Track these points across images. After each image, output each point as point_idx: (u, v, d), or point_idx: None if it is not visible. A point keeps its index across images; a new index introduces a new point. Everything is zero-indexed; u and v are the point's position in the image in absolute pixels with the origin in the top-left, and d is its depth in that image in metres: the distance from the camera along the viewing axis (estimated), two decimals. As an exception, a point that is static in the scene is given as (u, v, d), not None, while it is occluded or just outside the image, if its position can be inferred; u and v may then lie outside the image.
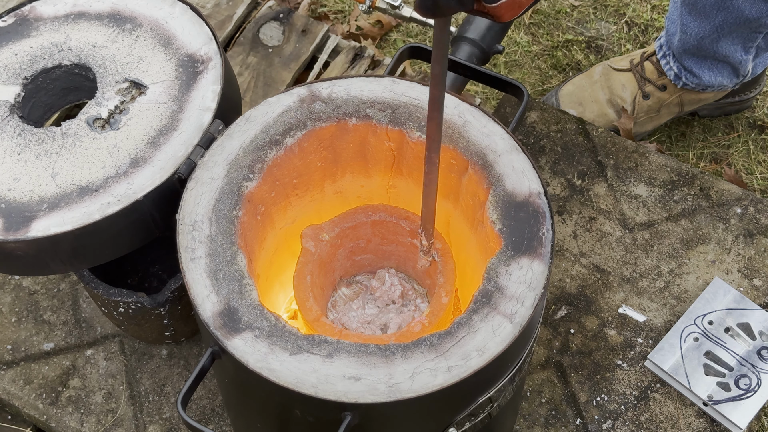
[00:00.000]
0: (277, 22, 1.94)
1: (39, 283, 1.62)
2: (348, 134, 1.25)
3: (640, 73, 1.90)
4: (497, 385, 1.14)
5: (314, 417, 1.10)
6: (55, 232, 1.16)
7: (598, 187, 1.73)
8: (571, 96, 1.94)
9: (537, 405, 1.52)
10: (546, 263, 1.12)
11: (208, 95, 1.26)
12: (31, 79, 1.30)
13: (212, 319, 1.08)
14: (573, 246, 1.67)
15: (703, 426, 1.50)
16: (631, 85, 1.91)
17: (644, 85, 1.89)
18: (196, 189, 1.17)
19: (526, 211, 1.15)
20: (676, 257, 1.65)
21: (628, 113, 1.94)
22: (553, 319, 1.59)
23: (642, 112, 1.91)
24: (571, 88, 1.95)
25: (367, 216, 1.32)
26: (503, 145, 1.20)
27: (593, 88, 1.93)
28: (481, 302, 1.10)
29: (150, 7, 1.35)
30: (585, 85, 1.94)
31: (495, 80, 1.34)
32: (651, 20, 2.16)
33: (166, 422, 1.50)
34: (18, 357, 1.56)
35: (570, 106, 1.92)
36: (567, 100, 1.93)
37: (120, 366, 1.55)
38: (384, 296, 1.38)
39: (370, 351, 1.06)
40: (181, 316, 1.44)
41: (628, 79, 1.91)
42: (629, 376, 1.54)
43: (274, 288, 1.35)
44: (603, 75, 1.93)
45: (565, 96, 1.94)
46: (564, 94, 1.95)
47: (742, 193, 1.72)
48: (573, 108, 1.92)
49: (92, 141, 1.24)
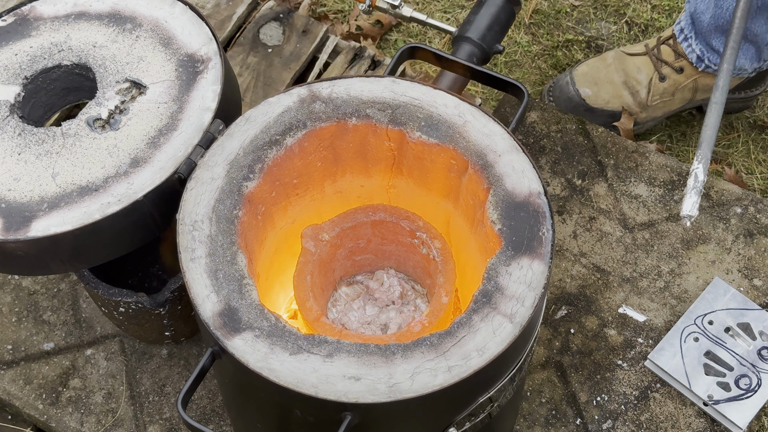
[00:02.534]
0: (277, 22, 1.94)
1: (39, 283, 1.62)
2: (348, 134, 1.25)
3: (656, 56, 1.89)
4: (497, 385, 1.14)
5: (314, 417, 1.10)
6: (55, 232, 1.16)
7: (598, 187, 1.73)
8: (586, 76, 1.93)
9: (537, 405, 1.52)
10: (546, 263, 1.12)
11: (208, 95, 1.26)
12: (31, 79, 1.30)
13: (212, 319, 1.08)
14: (573, 246, 1.67)
15: (703, 426, 1.50)
16: (646, 68, 1.90)
17: (661, 67, 1.88)
18: (197, 189, 1.17)
19: (526, 211, 1.15)
20: (676, 257, 1.65)
21: (627, 114, 1.94)
22: (553, 319, 1.59)
23: (657, 95, 1.90)
24: (585, 69, 1.94)
25: (367, 216, 1.32)
26: (503, 145, 1.20)
27: (608, 70, 1.92)
28: (481, 302, 1.10)
29: (150, 7, 1.35)
30: (600, 66, 1.93)
31: (495, 80, 1.34)
32: (651, 20, 2.16)
33: (166, 422, 1.50)
34: (18, 357, 1.56)
35: (584, 85, 1.91)
36: (581, 79, 1.93)
37: (120, 366, 1.55)
38: (383, 297, 1.38)
39: (371, 351, 1.06)
40: (181, 316, 1.44)
41: (643, 62, 1.90)
42: (629, 376, 1.54)
43: (274, 288, 1.35)
44: (616, 59, 1.93)
45: (579, 75, 1.93)
46: (579, 73, 1.94)
47: (742, 193, 1.72)
48: (587, 87, 1.91)
49: (92, 141, 1.24)
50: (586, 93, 1.91)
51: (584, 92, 1.91)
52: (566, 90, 1.92)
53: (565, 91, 1.93)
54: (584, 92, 1.91)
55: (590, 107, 1.91)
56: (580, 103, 1.91)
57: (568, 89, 1.92)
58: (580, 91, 1.91)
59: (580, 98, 1.91)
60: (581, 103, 1.91)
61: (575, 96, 1.91)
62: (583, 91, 1.91)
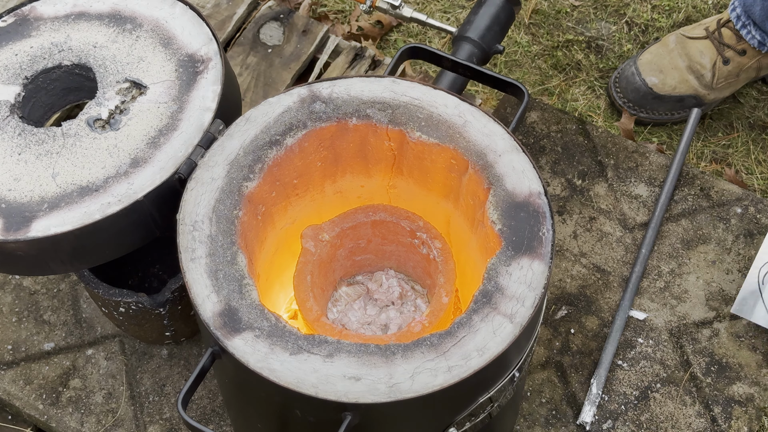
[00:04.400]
0: (277, 22, 1.94)
1: (39, 283, 1.62)
2: (348, 134, 1.25)
3: (718, 40, 1.90)
4: (497, 385, 1.14)
5: (314, 417, 1.10)
6: (55, 232, 1.16)
7: (599, 187, 1.73)
8: (651, 64, 1.95)
9: (537, 405, 1.52)
10: (546, 263, 1.12)
11: (209, 95, 1.26)
12: (31, 79, 1.30)
13: (212, 319, 1.08)
14: (573, 246, 1.67)
15: (703, 426, 1.50)
16: (709, 52, 1.91)
17: (724, 50, 1.90)
18: (197, 189, 1.17)
19: (527, 211, 1.15)
20: (677, 257, 1.65)
21: (628, 114, 1.94)
22: (553, 319, 1.59)
23: (722, 78, 1.92)
24: (649, 57, 1.96)
25: (368, 216, 1.32)
26: (503, 145, 1.20)
27: (671, 56, 1.94)
28: (481, 302, 1.10)
29: (150, 7, 1.35)
30: (663, 53, 1.95)
31: (495, 80, 1.34)
32: (651, 20, 2.16)
33: (166, 422, 1.50)
34: (18, 357, 1.56)
35: (650, 74, 1.93)
36: (647, 68, 1.94)
37: (120, 366, 1.55)
38: (383, 298, 1.38)
39: (371, 351, 1.06)
40: (181, 316, 1.44)
41: (705, 45, 1.92)
42: (629, 376, 1.54)
43: (274, 288, 1.35)
44: (678, 44, 1.94)
45: (644, 64, 1.95)
46: (643, 62, 1.95)
47: (743, 193, 1.72)
48: (653, 75, 1.93)
49: (92, 141, 1.24)
50: (653, 81, 1.93)
51: (651, 81, 1.92)
52: (633, 80, 1.95)
53: (632, 81, 1.95)
54: (651, 81, 1.92)
55: (658, 95, 1.93)
56: (648, 92, 1.93)
57: (634, 80, 1.94)
58: (646, 80, 1.93)
59: (647, 87, 1.93)
60: (649, 92, 1.93)
61: (642, 86, 1.93)
62: (650, 80, 1.93)
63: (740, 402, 1.52)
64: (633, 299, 1.59)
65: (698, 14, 2.16)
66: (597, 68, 2.09)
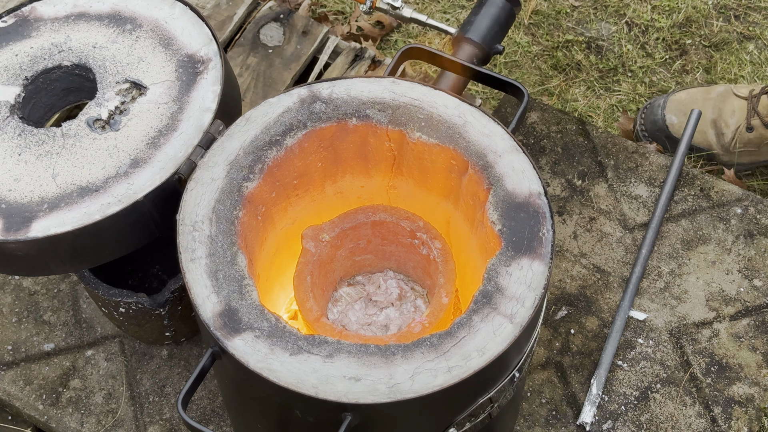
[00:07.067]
0: (277, 22, 1.94)
1: (39, 283, 1.62)
2: (348, 135, 1.25)
3: (753, 105, 1.84)
4: (498, 385, 1.14)
5: (314, 417, 1.10)
6: (55, 232, 1.16)
7: (599, 188, 1.73)
8: (680, 103, 1.89)
9: (537, 405, 1.52)
10: (546, 263, 1.12)
11: (209, 96, 1.26)
12: (31, 80, 1.30)
13: (212, 319, 1.08)
14: (573, 246, 1.67)
15: (703, 426, 1.50)
16: (740, 114, 1.85)
17: (752, 117, 1.83)
18: (197, 189, 1.17)
19: (527, 212, 1.15)
20: (677, 257, 1.65)
21: (627, 114, 1.94)
22: (553, 319, 1.60)
23: (741, 144, 1.86)
24: (683, 96, 1.90)
25: (368, 216, 1.32)
26: (503, 146, 1.20)
27: (705, 104, 1.87)
28: (481, 302, 1.10)
29: (150, 8, 1.35)
30: (699, 98, 1.89)
31: (495, 80, 1.34)
32: (651, 20, 2.16)
33: (166, 423, 1.50)
34: (18, 357, 1.56)
35: (673, 113, 1.88)
36: (674, 106, 1.89)
37: (120, 366, 1.55)
38: (382, 299, 1.39)
39: (371, 351, 1.06)
40: (181, 316, 1.44)
41: (740, 106, 1.85)
42: (629, 376, 1.54)
43: (274, 288, 1.35)
44: (721, 96, 1.88)
45: (673, 102, 1.89)
46: (674, 100, 1.90)
47: (743, 194, 1.72)
48: (675, 115, 1.87)
49: (92, 141, 1.24)
50: (671, 120, 1.87)
51: (670, 119, 1.87)
52: (655, 112, 1.90)
53: (654, 113, 1.90)
54: (670, 119, 1.87)
55: (671, 135, 1.88)
56: (662, 128, 1.88)
57: (656, 112, 1.90)
58: (666, 117, 1.88)
59: (663, 124, 1.88)
60: (663, 128, 1.88)
61: (660, 120, 1.89)
62: (669, 118, 1.87)
63: (740, 402, 1.52)
64: (633, 300, 1.59)
65: (698, 14, 2.16)
66: (597, 69, 2.09)
